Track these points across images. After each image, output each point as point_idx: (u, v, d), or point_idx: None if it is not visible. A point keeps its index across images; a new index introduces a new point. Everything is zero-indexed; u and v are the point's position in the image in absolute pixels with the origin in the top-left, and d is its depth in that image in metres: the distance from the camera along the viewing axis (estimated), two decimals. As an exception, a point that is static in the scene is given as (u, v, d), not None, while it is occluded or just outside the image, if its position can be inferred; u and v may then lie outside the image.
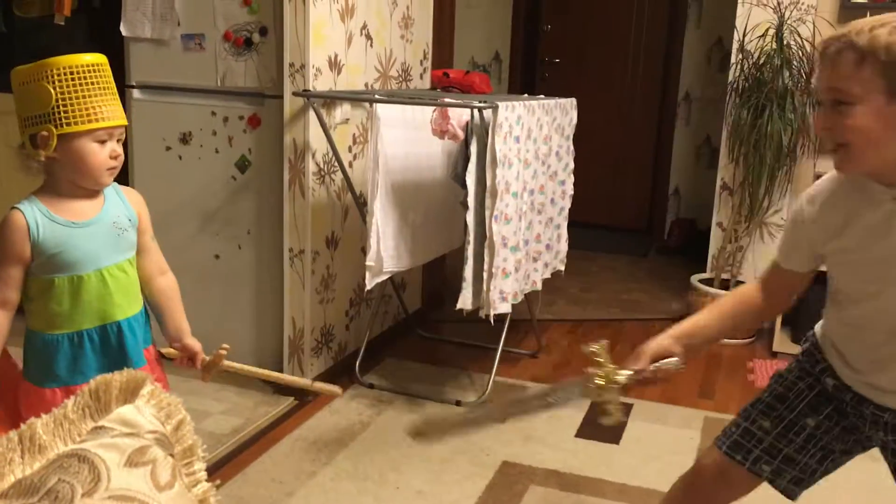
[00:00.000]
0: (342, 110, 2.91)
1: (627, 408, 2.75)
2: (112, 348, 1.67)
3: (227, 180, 2.94)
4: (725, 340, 3.58)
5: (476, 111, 2.59)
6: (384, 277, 2.79)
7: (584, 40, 5.35)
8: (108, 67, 1.63)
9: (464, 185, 2.71)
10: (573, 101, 3.25)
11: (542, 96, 3.13)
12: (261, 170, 2.89)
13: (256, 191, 2.91)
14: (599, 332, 3.72)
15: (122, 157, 1.63)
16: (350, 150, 3.00)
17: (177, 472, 0.62)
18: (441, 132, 2.66)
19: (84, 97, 1.55)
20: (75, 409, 0.65)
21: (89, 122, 1.55)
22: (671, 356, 1.48)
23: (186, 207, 3.02)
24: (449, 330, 3.62)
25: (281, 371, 2.94)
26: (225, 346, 1.77)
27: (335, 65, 2.85)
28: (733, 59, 3.68)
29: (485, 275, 2.68)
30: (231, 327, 3.02)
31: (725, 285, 3.67)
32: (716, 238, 3.86)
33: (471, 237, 2.66)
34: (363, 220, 2.99)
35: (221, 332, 3.03)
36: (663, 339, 1.50)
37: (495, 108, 2.55)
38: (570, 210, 3.30)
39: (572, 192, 3.29)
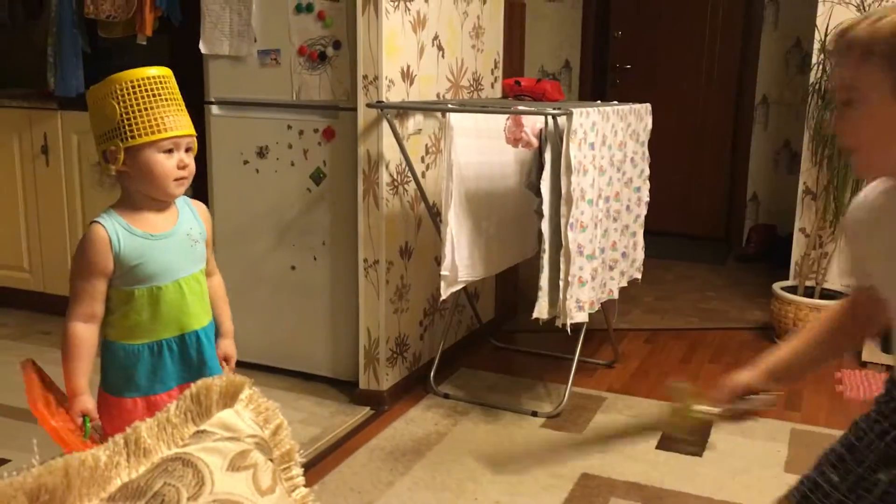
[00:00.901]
0: (415, 121, 2.92)
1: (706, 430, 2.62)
2: (190, 357, 1.70)
3: (302, 192, 2.98)
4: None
5: (550, 118, 2.57)
6: (459, 287, 2.79)
7: (655, 45, 5.27)
8: (172, 80, 1.66)
9: (538, 194, 2.69)
10: (648, 106, 3.19)
11: (616, 102, 3.09)
12: (335, 181, 2.92)
13: (331, 202, 2.95)
14: (677, 341, 3.65)
15: (191, 168, 1.64)
16: (423, 160, 3.01)
17: (277, 476, 0.62)
18: (515, 140, 2.64)
19: (147, 109, 1.58)
20: (178, 412, 0.65)
21: (153, 133, 1.58)
22: (760, 391, 1.36)
23: (263, 220, 3.07)
24: (523, 340, 3.59)
25: (358, 384, 2.95)
26: None
27: (408, 76, 2.87)
28: (814, 60, 3.56)
29: (561, 283, 2.64)
30: (307, 337, 3.06)
31: (810, 293, 3.55)
32: (798, 244, 3.74)
33: (546, 246, 2.64)
34: (437, 229, 2.99)
35: (298, 342, 3.07)
36: (754, 374, 1.37)
37: (569, 115, 2.53)
38: (645, 218, 3.24)
39: (648, 199, 3.23)
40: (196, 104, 3.13)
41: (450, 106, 2.71)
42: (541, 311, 2.66)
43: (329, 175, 2.93)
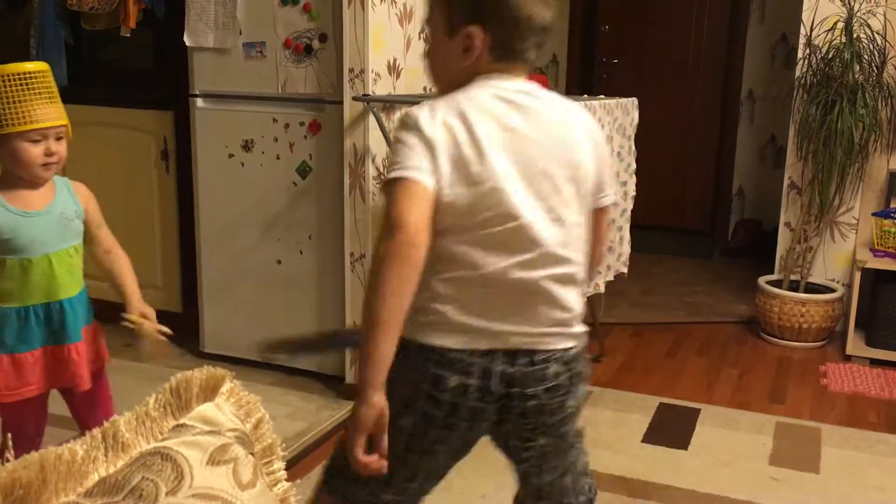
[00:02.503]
0: (401, 114, 2.91)
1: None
2: (54, 323, 1.87)
3: (288, 186, 2.97)
4: (796, 343, 3.49)
5: (537, 112, 2.56)
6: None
7: (642, 40, 5.27)
8: (47, 74, 1.83)
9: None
10: (634, 100, 3.19)
11: (602, 97, 3.09)
12: (321, 175, 2.91)
13: (317, 196, 2.93)
14: (663, 335, 3.66)
15: (60, 154, 1.82)
16: (409, 154, 3.00)
17: (258, 470, 0.61)
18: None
19: (17, 102, 1.75)
20: (157, 406, 0.64)
21: (20, 124, 1.76)
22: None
23: (249, 213, 3.05)
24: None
25: (344, 378, 2.95)
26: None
27: (394, 69, 2.86)
28: (800, 55, 3.58)
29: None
30: (293, 330, 3.04)
31: (795, 286, 3.57)
32: (784, 238, 3.76)
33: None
34: (423, 223, 2.98)
35: (283, 335, 3.05)
36: None
37: (556, 109, 2.52)
38: (631, 212, 3.25)
39: (634, 194, 3.23)
40: (181, 97, 3.12)
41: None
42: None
43: (315, 169, 2.92)
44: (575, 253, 1.32)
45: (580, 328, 1.37)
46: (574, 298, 1.34)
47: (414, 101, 2.87)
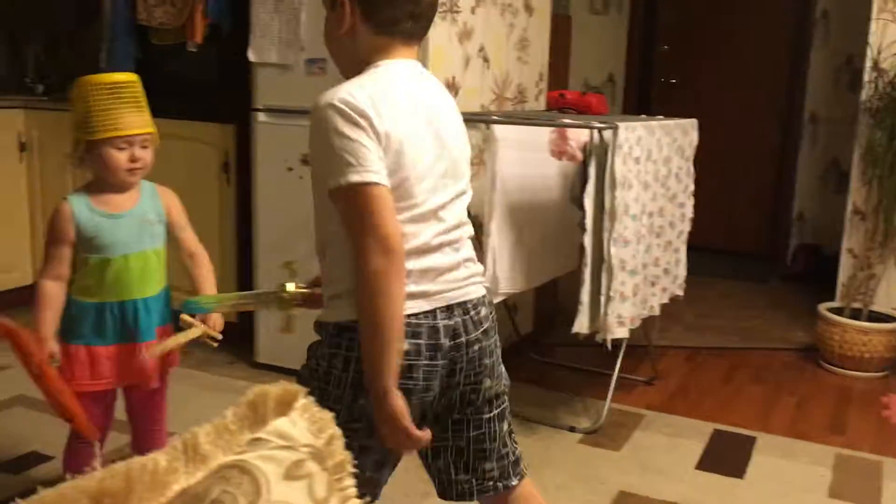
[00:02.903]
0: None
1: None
2: (128, 321, 1.94)
3: (345, 200, 3.00)
4: (857, 373, 3.39)
5: (596, 132, 2.56)
6: (499, 299, 2.78)
7: (702, 60, 5.22)
8: (136, 84, 1.91)
9: (581, 207, 2.67)
10: (694, 121, 3.16)
11: (661, 117, 3.07)
12: (378, 190, 2.93)
13: (374, 211, 2.96)
14: (717, 360, 3.59)
15: (145, 160, 1.91)
16: (466, 171, 3.01)
17: (331, 487, 0.62)
18: (559, 153, 2.63)
19: (105, 110, 1.84)
20: (234, 419, 0.66)
21: (108, 131, 1.84)
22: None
23: (305, 226, 3.06)
24: (561, 354, 3.56)
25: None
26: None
27: (452, 86, 2.88)
28: (866, 78, 3.50)
29: (602, 298, 2.62)
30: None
31: (856, 315, 3.47)
32: (846, 265, 3.66)
33: (588, 260, 2.62)
34: (476, 240, 2.98)
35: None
36: None
37: (615, 129, 2.51)
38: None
39: (692, 216, 3.19)
40: (243, 111, 3.18)
41: (494, 117, 2.71)
42: (581, 325, 2.64)
43: (372, 184, 2.94)
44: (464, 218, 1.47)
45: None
46: (473, 252, 1.49)
47: (472, 118, 2.88)
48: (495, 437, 1.55)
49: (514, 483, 1.58)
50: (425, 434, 1.34)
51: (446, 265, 1.40)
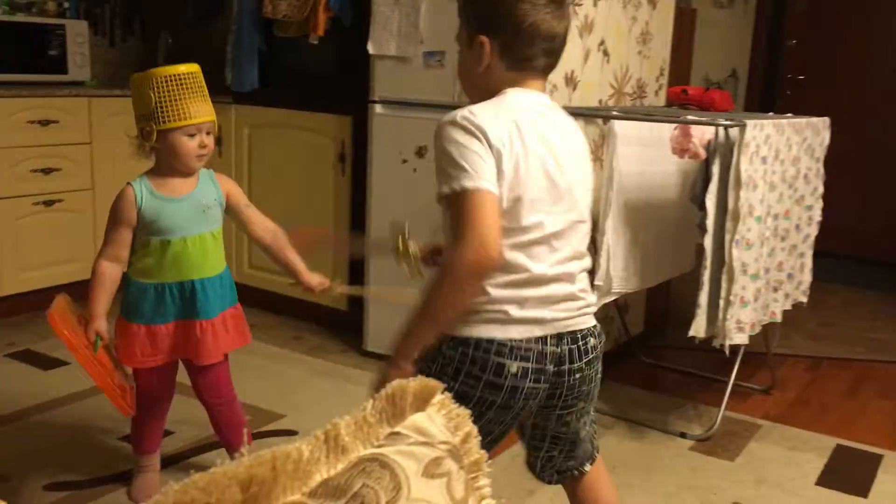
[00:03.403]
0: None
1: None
2: (187, 301, 2.03)
3: (458, 193, 2.99)
4: None
5: (721, 129, 2.46)
6: (611, 298, 2.72)
7: (834, 55, 4.96)
8: (199, 74, 2.00)
9: (701, 207, 2.58)
10: (826, 120, 3.00)
11: (790, 115, 2.92)
12: (492, 184, 2.92)
13: (486, 205, 2.94)
14: (841, 371, 3.41)
15: (210, 146, 2.01)
16: (581, 166, 2.95)
17: (469, 486, 0.61)
18: (682, 151, 2.55)
19: (176, 100, 1.93)
20: (373, 412, 0.66)
21: (179, 119, 1.94)
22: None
23: (418, 218, 3.08)
24: (673, 357, 3.46)
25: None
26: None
27: (571, 81, 2.83)
28: None
29: (721, 302, 2.53)
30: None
31: None
32: None
33: (707, 262, 2.53)
34: (591, 238, 2.93)
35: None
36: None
37: (742, 127, 2.41)
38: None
39: (820, 219, 3.04)
40: (360, 102, 3.23)
41: (614, 113, 2.65)
42: (698, 329, 2.55)
43: (486, 177, 2.93)
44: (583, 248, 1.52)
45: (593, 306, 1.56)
46: (588, 283, 1.53)
47: (591, 114, 2.83)
48: (576, 435, 1.64)
49: (586, 468, 1.68)
50: None
51: (562, 294, 1.45)
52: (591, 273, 2.75)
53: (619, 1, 2.99)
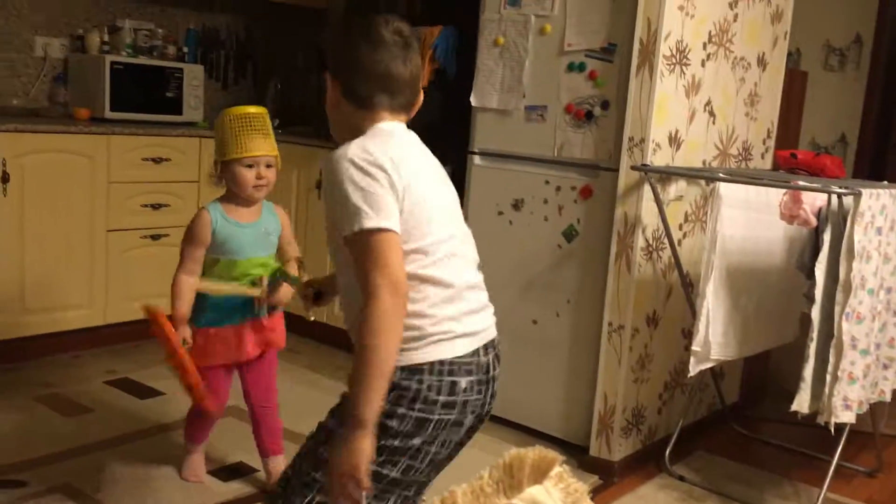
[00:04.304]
0: (677, 187, 2.82)
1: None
2: (247, 309, 2.31)
3: (553, 248, 2.97)
4: None
5: (834, 197, 2.37)
6: (709, 365, 2.63)
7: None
8: (264, 116, 2.28)
9: (809, 276, 2.48)
10: (946, 191, 2.85)
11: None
12: (588, 240, 2.89)
13: (581, 261, 2.91)
14: (955, 459, 3.19)
15: (269, 178, 2.28)
16: (681, 227, 2.89)
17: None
18: (791, 217, 2.46)
19: (237, 136, 2.22)
20: (490, 482, 0.64)
21: (237, 153, 2.23)
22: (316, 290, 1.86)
23: (511, 271, 3.09)
24: (769, 430, 3.31)
25: (588, 450, 2.86)
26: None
27: (675, 140, 2.78)
28: None
29: (828, 377, 2.40)
30: (541, 393, 3.02)
31: None
32: None
33: (814, 334, 2.41)
34: (688, 300, 2.85)
35: (532, 397, 3.04)
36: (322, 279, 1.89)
37: (857, 195, 2.31)
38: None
39: (936, 295, 2.87)
40: (460, 153, 3.25)
41: (721, 175, 2.58)
42: (801, 403, 2.43)
43: (582, 233, 2.90)
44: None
45: None
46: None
47: (696, 175, 2.78)
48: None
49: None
50: (368, 490, 1.36)
51: (480, 305, 1.52)
52: (688, 337, 2.66)
53: (727, 61, 2.94)
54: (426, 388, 1.41)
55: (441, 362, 1.42)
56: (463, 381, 1.43)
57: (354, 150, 1.41)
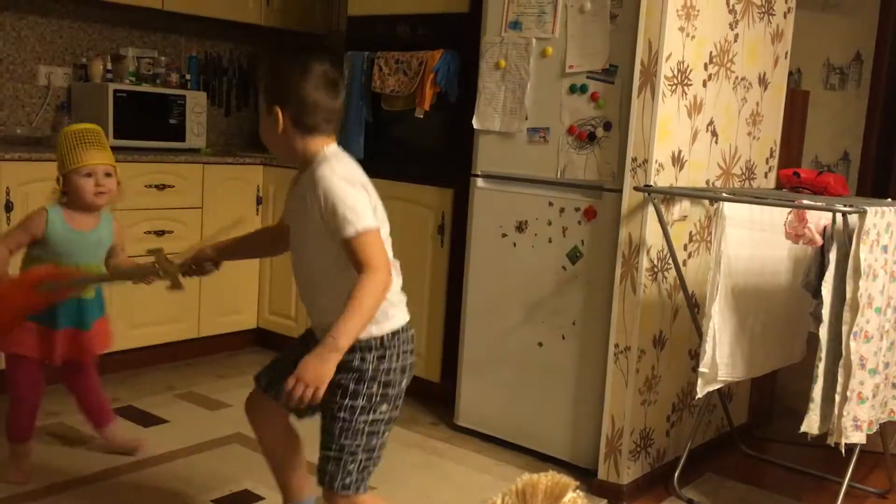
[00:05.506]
0: (681, 207, 2.82)
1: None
2: (77, 314, 2.54)
3: (557, 270, 2.96)
4: None
5: (840, 215, 2.36)
6: (717, 386, 2.61)
7: (953, 141, 4.73)
8: (97, 131, 2.55)
9: (816, 295, 2.47)
10: (951, 208, 2.84)
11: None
12: (592, 262, 2.88)
13: (586, 283, 2.90)
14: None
15: (108, 186, 2.51)
16: (685, 248, 2.88)
17: None
18: (796, 236, 2.45)
19: (73, 149, 2.46)
20: (502, 509, 0.63)
21: (75, 164, 2.46)
22: (211, 260, 2.16)
23: (515, 293, 3.08)
24: (778, 451, 3.28)
25: (594, 474, 2.84)
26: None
27: (678, 160, 2.78)
28: None
29: (837, 397, 2.38)
30: (547, 417, 3.00)
31: None
32: None
33: (822, 354, 2.39)
34: (694, 321, 2.83)
35: (538, 420, 3.02)
36: (212, 246, 2.18)
37: (863, 214, 2.30)
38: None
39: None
40: (462, 176, 3.26)
41: (724, 195, 2.58)
42: (811, 425, 2.41)
43: (586, 255, 2.89)
44: None
45: None
46: None
47: (700, 195, 2.77)
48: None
49: None
50: (316, 403, 1.77)
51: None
52: (695, 358, 2.65)
53: (729, 81, 2.95)
54: (402, 343, 1.91)
55: (398, 330, 1.91)
56: (408, 346, 1.94)
57: (341, 171, 1.83)
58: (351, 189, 1.79)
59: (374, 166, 3.69)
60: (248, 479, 2.67)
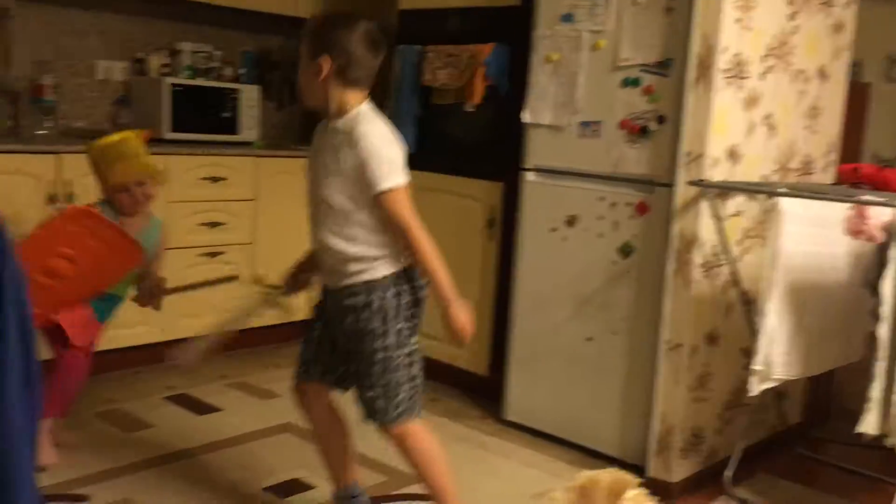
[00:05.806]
0: (735, 202, 2.77)
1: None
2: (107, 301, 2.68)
3: (607, 265, 2.94)
4: None
5: (901, 211, 2.30)
6: (771, 384, 2.56)
7: None
8: (121, 142, 2.60)
9: (875, 293, 2.40)
10: None
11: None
12: (644, 257, 2.85)
13: (637, 278, 2.87)
14: None
15: (146, 196, 2.61)
16: (740, 243, 2.83)
17: None
18: (856, 232, 2.40)
19: (101, 169, 2.58)
20: (564, 502, 0.62)
21: (106, 183, 2.59)
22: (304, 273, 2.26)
23: (565, 288, 3.06)
24: (834, 452, 3.21)
25: (643, 471, 2.81)
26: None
27: (733, 155, 2.73)
28: None
29: (895, 397, 2.32)
30: (597, 413, 2.98)
31: None
32: None
33: (881, 352, 2.34)
34: (747, 318, 2.79)
35: (587, 416, 3.00)
36: (295, 267, 2.27)
37: (926, 209, 2.24)
38: None
39: None
40: (513, 170, 3.25)
41: (783, 189, 2.53)
42: (868, 425, 2.35)
43: (638, 250, 2.86)
44: None
45: None
46: None
47: (756, 189, 2.72)
48: None
49: None
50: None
51: None
52: (748, 356, 2.60)
53: (787, 74, 2.88)
54: (412, 279, 2.07)
55: (406, 267, 2.07)
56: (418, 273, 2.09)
57: (380, 128, 1.98)
58: (391, 146, 1.95)
59: (425, 160, 3.73)
60: (299, 468, 2.70)
